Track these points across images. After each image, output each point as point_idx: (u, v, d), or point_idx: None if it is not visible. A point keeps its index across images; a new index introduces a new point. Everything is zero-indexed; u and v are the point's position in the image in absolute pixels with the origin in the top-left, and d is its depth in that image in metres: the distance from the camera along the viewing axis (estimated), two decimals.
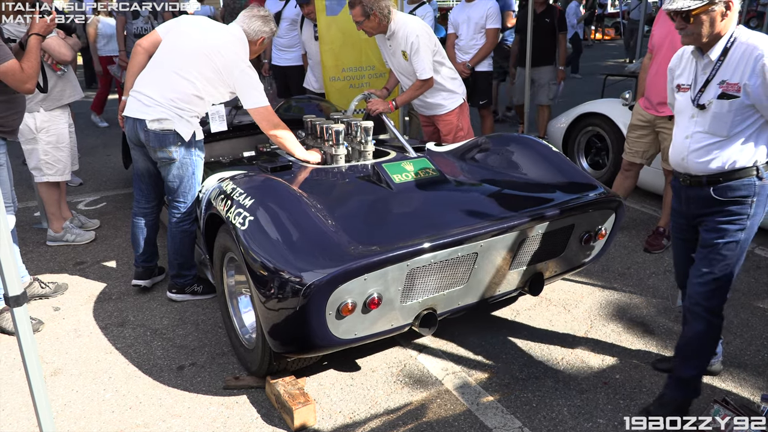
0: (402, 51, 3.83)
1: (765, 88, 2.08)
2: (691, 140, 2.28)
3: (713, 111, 2.20)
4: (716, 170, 2.23)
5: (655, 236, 4.11)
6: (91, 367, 2.86)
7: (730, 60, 2.15)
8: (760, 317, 3.25)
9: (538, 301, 3.43)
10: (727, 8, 2.10)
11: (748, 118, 2.17)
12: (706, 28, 2.13)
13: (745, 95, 2.13)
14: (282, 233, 2.34)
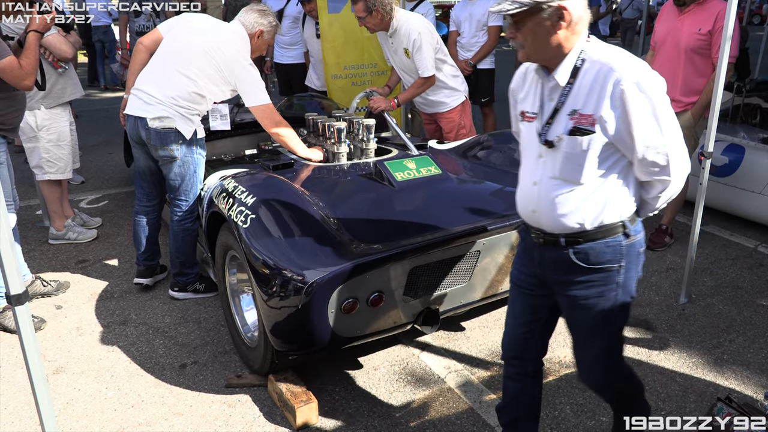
0: (404, 48, 3.82)
1: (626, 122, 1.59)
2: (541, 188, 1.74)
3: (564, 150, 1.68)
4: (576, 228, 1.71)
5: (658, 234, 4.09)
6: (93, 365, 2.86)
7: (581, 84, 1.64)
8: (763, 315, 3.24)
9: None
10: (560, 18, 1.59)
11: (607, 159, 1.66)
12: (537, 41, 1.64)
13: (602, 130, 1.62)
14: (284, 231, 2.34)
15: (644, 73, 1.59)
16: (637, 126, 1.59)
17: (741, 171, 4.23)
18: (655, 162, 1.65)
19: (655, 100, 1.59)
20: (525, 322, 1.97)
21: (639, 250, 1.78)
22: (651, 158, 1.64)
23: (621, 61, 1.60)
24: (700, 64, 3.66)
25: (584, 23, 1.65)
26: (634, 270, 1.78)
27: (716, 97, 2.98)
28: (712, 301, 3.39)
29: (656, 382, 2.70)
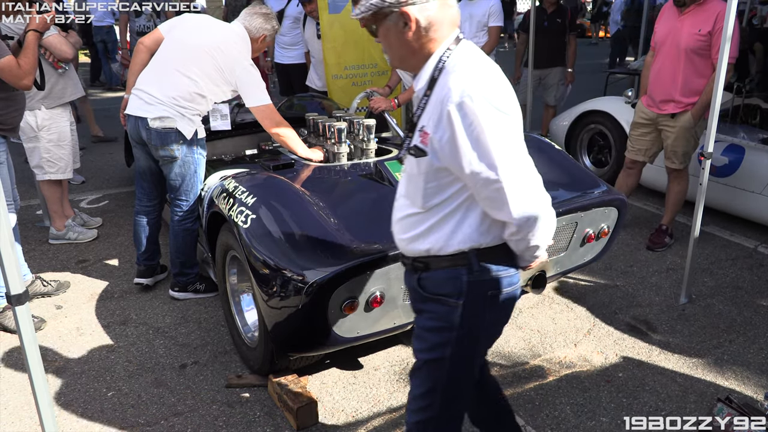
0: None
1: (453, 147, 1.40)
2: (395, 205, 1.65)
3: (407, 169, 1.58)
4: (419, 253, 1.57)
5: (658, 234, 4.09)
6: (93, 365, 2.86)
7: (433, 98, 1.46)
8: (764, 315, 3.24)
9: (541, 299, 3.42)
10: (405, 23, 1.46)
11: (449, 186, 1.49)
12: (391, 47, 1.54)
13: (432, 153, 1.46)
14: (284, 231, 2.34)
15: (477, 92, 1.37)
16: (462, 153, 1.39)
17: (741, 171, 4.23)
18: (490, 198, 1.43)
19: (484, 125, 1.36)
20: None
21: (489, 293, 1.55)
22: (484, 193, 1.43)
23: (457, 76, 1.41)
24: (700, 65, 3.66)
25: (443, 28, 1.48)
26: (480, 318, 1.57)
27: (716, 98, 2.98)
28: (712, 302, 3.39)
29: (656, 382, 2.70)
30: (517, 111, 1.45)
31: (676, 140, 3.82)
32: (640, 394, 2.62)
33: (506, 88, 1.44)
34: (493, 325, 1.63)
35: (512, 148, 1.40)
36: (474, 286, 1.54)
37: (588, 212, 2.79)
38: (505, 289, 1.57)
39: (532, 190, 1.43)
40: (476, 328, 1.58)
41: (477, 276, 1.53)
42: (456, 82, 1.39)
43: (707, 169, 3.14)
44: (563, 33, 5.96)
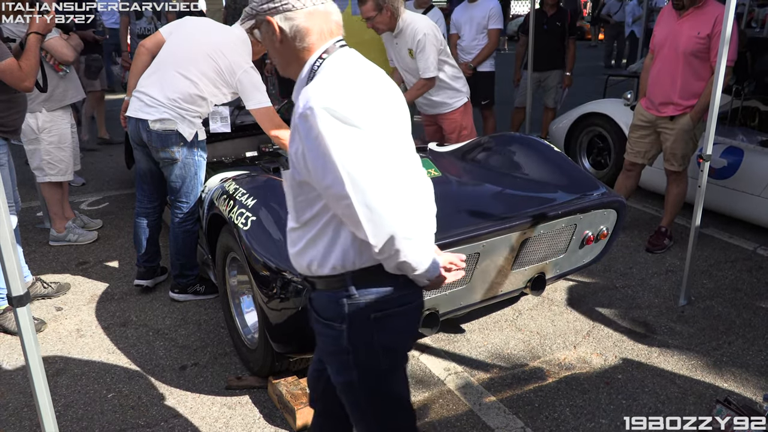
0: (408, 49, 3.84)
1: (305, 160, 1.36)
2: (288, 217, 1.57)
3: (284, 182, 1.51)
4: (304, 270, 1.53)
5: (657, 236, 4.10)
6: (94, 367, 2.86)
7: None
8: (762, 317, 3.24)
9: (541, 301, 3.42)
10: (273, 32, 1.46)
11: (314, 203, 1.43)
12: (270, 54, 1.54)
13: (292, 166, 1.43)
14: (284, 233, 2.34)
15: (321, 104, 1.30)
16: (311, 167, 1.35)
17: (740, 173, 4.24)
18: (345, 215, 1.37)
19: (328, 138, 1.30)
20: (317, 360, 1.82)
21: (372, 316, 1.46)
22: (338, 210, 1.37)
23: (309, 87, 1.36)
24: (699, 68, 3.67)
25: (311, 36, 1.45)
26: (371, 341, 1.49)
27: (715, 100, 2.99)
28: (712, 303, 3.39)
29: (655, 384, 2.71)
30: (381, 124, 1.37)
31: (675, 142, 3.83)
32: (640, 396, 2.63)
33: (365, 101, 1.36)
34: (393, 342, 1.54)
35: (363, 163, 1.32)
36: (355, 310, 1.47)
37: (587, 214, 2.80)
38: (394, 309, 1.49)
39: (389, 208, 1.33)
40: (371, 350, 1.51)
41: (356, 299, 1.47)
42: (305, 93, 1.34)
43: (706, 171, 3.15)
44: (563, 36, 5.97)
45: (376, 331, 1.49)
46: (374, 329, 1.49)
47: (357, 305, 1.46)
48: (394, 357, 1.56)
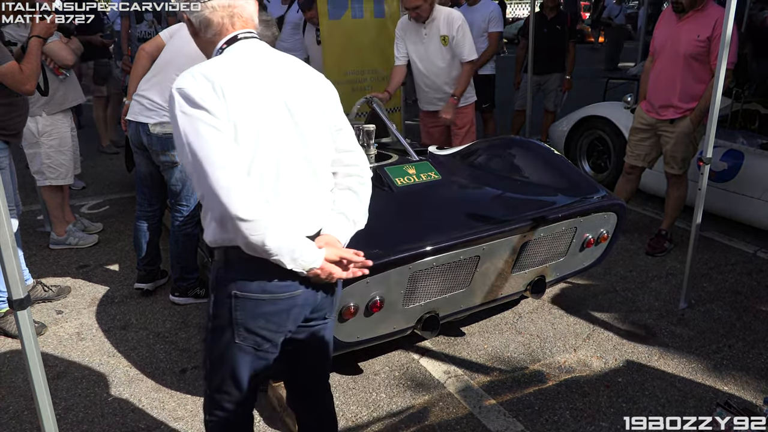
0: (442, 36, 4.00)
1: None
2: None
3: None
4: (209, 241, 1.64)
5: (657, 239, 4.10)
6: (94, 370, 2.86)
7: None
8: (763, 320, 3.24)
9: (541, 304, 3.42)
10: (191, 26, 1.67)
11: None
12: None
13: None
14: None
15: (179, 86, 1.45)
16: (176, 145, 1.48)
17: (740, 176, 4.24)
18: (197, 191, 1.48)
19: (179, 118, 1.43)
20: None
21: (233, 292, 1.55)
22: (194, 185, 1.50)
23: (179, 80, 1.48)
24: (699, 70, 3.68)
25: (212, 29, 1.61)
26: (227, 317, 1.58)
27: (715, 103, 3.00)
28: (712, 307, 3.39)
29: (656, 387, 2.70)
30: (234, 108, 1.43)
31: (675, 145, 3.83)
32: (640, 399, 2.62)
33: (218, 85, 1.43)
34: (250, 325, 1.59)
35: (203, 143, 1.39)
36: (220, 284, 1.57)
37: (587, 217, 2.80)
38: (255, 294, 1.54)
39: (223, 188, 1.39)
40: (225, 326, 1.59)
41: (223, 274, 1.57)
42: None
43: (706, 174, 3.15)
44: (563, 39, 5.97)
45: (235, 309, 1.56)
46: (233, 308, 1.56)
47: (222, 280, 1.57)
48: (249, 339, 1.61)
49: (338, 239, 1.61)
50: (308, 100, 1.59)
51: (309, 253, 1.50)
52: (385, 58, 5.21)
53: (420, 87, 4.32)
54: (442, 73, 4.13)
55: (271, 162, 1.50)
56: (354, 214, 1.66)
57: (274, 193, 1.51)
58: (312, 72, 1.67)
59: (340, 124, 1.70)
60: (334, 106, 1.69)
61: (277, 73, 1.57)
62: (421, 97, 4.39)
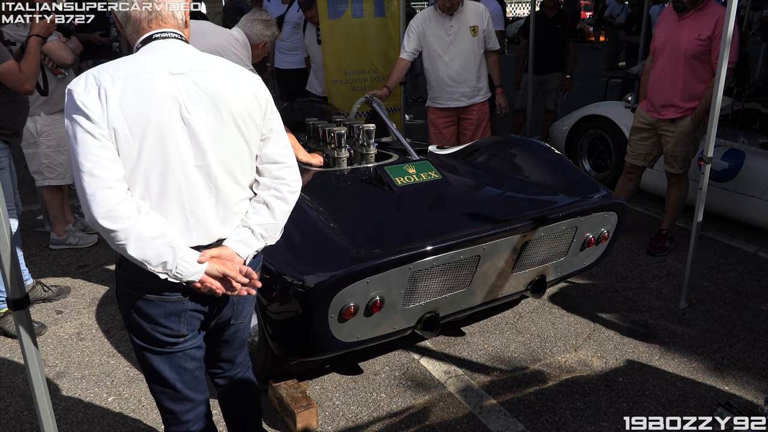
0: (472, 27, 4.06)
1: None
2: None
3: None
4: None
5: (658, 239, 4.09)
6: (94, 370, 2.86)
7: None
8: (764, 320, 3.24)
9: (541, 304, 3.42)
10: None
11: None
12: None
13: None
14: (284, 236, 2.32)
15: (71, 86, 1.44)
16: None
17: (741, 176, 4.23)
18: None
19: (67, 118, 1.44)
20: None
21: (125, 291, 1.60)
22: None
23: None
24: (700, 70, 3.67)
25: (128, 27, 1.58)
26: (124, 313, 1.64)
27: (716, 102, 2.99)
28: (712, 306, 3.39)
29: (656, 386, 2.70)
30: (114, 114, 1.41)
31: (676, 145, 3.82)
32: (640, 399, 2.62)
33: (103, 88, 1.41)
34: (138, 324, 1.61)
35: (79, 146, 1.40)
36: (118, 281, 1.63)
37: (588, 217, 2.80)
38: (144, 295, 1.56)
39: (90, 194, 1.40)
40: (127, 322, 1.65)
41: (118, 271, 1.62)
42: None
43: (707, 174, 3.14)
44: (563, 38, 5.96)
45: (127, 306, 1.61)
46: (127, 305, 1.61)
47: (119, 276, 1.61)
48: (143, 338, 1.64)
49: (236, 253, 1.58)
50: (216, 107, 1.53)
51: (186, 265, 1.48)
52: (386, 57, 5.21)
53: (442, 81, 4.23)
54: (470, 65, 4.16)
55: (155, 170, 1.47)
56: (262, 228, 1.62)
57: (159, 201, 1.49)
58: (236, 76, 1.59)
59: (267, 133, 1.65)
60: (256, 113, 1.61)
61: (181, 78, 1.50)
62: (442, 93, 4.29)
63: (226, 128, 1.55)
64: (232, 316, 1.75)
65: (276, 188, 1.65)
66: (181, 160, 1.49)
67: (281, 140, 1.68)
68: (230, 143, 1.57)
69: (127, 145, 1.43)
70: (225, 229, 1.60)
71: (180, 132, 1.49)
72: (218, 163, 1.55)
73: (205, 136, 1.52)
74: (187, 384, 1.72)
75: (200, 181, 1.53)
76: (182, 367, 1.69)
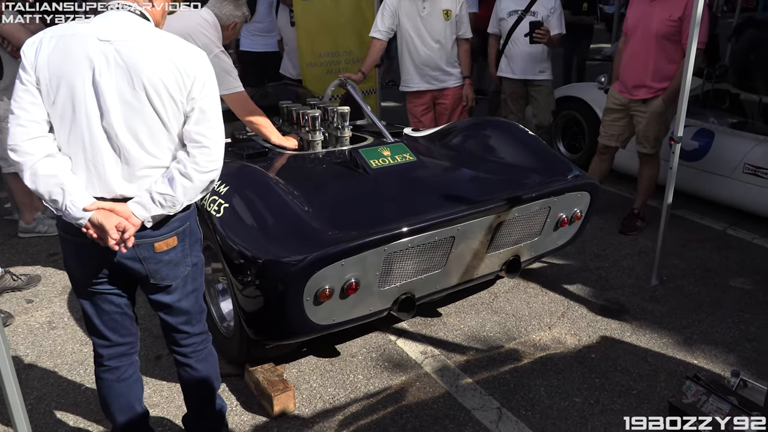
0: (445, 10, 4.01)
1: None
2: None
3: None
4: None
5: (630, 218, 4.16)
6: (66, 359, 2.82)
7: None
8: (731, 295, 3.32)
9: (516, 284, 3.46)
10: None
11: None
12: None
13: None
14: (258, 220, 2.33)
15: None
16: None
17: (711, 155, 4.31)
18: None
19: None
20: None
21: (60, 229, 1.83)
22: None
23: None
24: (671, 50, 3.71)
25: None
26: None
27: (685, 83, 3.03)
28: (683, 283, 3.46)
29: (628, 362, 2.76)
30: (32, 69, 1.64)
31: (648, 125, 3.87)
32: (612, 374, 2.67)
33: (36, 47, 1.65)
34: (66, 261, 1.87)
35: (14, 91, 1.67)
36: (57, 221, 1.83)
37: (561, 197, 2.83)
38: (63, 233, 1.79)
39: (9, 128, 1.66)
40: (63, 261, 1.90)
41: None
42: None
43: (677, 153, 3.19)
44: None
45: (60, 244, 1.85)
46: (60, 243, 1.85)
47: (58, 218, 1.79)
48: (68, 273, 1.91)
49: (132, 213, 1.70)
50: (130, 76, 1.64)
51: (73, 209, 1.65)
52: (360, 39, 5.15)
53: (414, 64, 4.21)
54: (441, 50, 4.11)
55: (66, 120, 1.66)
56: (161, 197, 1.72)
57: (66, 147, 1.69)
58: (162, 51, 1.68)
59: (190, 111, 1.72)
60: (175, 89, 1.68)
61: (105, 44, 1.64)
62: (413, 75, 4.26)
63: (138, 97, 1.66)
64: (147, 275, 1.87)
65: (184, 164, 1.73)
66: (87, 117, 1.66)
67: (205, 121, 1.74)
68: (141, 112, 1.68)
69: (47, 94, 1.65)
70: (131, 188, 1.73)
71: (89, 93, 1.64)
72: (125, 128, 1.68)
73: (112, 100, 1.65)
74: (105, 324, 1.96)
75: (104, 139, 1.67)
76: (100, 307, 1.92)
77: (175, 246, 1.86)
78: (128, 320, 2.04)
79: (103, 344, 2.01)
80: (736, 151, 4.16)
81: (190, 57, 1.71)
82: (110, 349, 2.03)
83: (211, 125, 1.75)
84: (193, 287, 1.99)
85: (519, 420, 2.40)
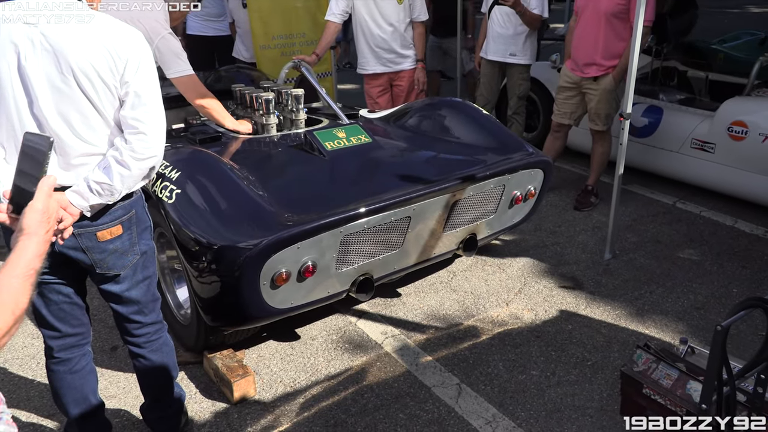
0: None
1: None
2: None
3: None
4: None
5: (584, 194, 4.25)
6: (17, 353, 2.74)
7: None
8: (680, 267, 3.44)
9: (474, 262, 3.50)
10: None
11: None
12: None
13: None
14: (211, 205, 2.29)
15: None
16: None
17: (660, 131, 4.42)
18: None
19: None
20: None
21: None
22: None
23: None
24: (620, 29, 3.77)
25: None
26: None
27: (633, 61, 3.09)
28: (635, 256, 3.56)
29: (583, 334, 2.83)
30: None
31: (599, 103, 3.94)
32: (568, 347, 2.74)
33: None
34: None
35: None
36: None
37: (515, 174, 2.86)
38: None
39: None
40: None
41: None
42: None
43: (626, 129, 3.26)
44: None
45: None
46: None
47: None
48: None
49: (69, 202, 1.65)
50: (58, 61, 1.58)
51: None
52: (315, 21, 5.09)
53: (369, 47, 4.19)
54: (395, 33, 4.08)
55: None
56: (98, 186, 1.66)
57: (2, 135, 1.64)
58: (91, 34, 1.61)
59: (124, 96, 1.67)
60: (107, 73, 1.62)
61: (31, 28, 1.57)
62: (368, 58, 4.23)
63: (68, 82, 1.60)
64: (92, 264, 1.83)
65: (121, 151, 1.68)
66: (15, 105, 1.60)
67: (141, 105, 1.68)
68: (72, 98, 1.62)
69: None
70: (68, 176, 1.68)
71: (15, 79, 1.58)
72: (56, 115, 1.62)
73: (40, 86, 1.59)
74: (54, 314, 1.91)
75: (34, 127, 1.62)
76: (47, 297, 1.87)
77: (121, 235, 1.82)
78: (78, 310, 2.00)
79: (53, 335, 1.97)
80: (684, 126, 4.28)
81: (121, 38, 1.64)
82: (60, 340, 1.99)
83: (147, 110, 1.69)
84: (143, 276, 1.95)
85: (478, 395, 2.45)
